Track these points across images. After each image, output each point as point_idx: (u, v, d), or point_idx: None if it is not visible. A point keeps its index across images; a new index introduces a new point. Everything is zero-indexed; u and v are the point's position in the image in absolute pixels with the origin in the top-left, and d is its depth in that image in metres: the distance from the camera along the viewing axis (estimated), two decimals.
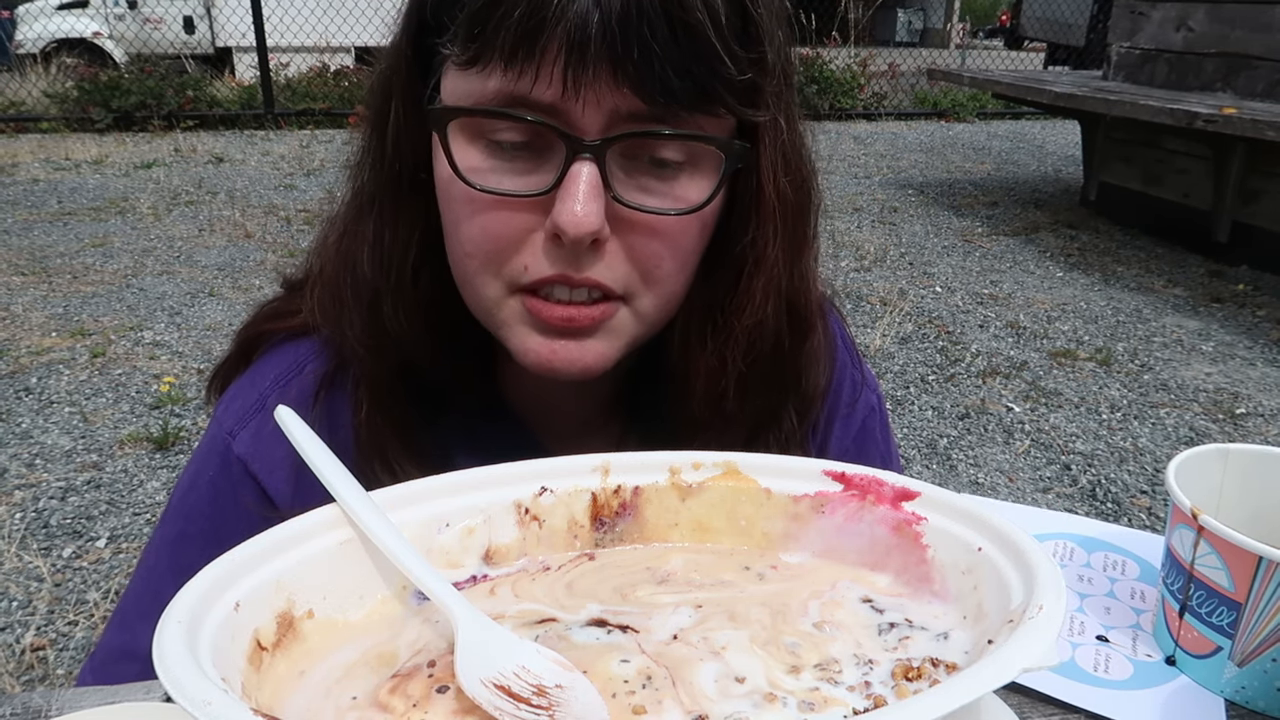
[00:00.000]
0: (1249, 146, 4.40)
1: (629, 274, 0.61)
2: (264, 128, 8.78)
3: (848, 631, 0.46)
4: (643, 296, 0.62)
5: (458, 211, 0.60)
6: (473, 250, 0.61)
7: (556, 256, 0.59)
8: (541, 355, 0.62)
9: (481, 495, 0.52)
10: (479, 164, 0.58)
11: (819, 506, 0.52)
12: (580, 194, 0.55)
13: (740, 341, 0.65)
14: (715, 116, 0.58)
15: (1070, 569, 0.71)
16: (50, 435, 2.99)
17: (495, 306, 0.62)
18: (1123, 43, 5.70)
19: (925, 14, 21.05)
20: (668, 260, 0.61)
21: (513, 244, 0.59)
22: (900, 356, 3.72)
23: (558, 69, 0.54)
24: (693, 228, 0.61)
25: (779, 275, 0.65)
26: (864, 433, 0.82)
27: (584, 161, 0.56)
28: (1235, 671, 0.58)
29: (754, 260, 0.64)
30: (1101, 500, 2.74)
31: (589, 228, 0.56)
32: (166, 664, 0.36)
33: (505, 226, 0.59)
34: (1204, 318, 4.18)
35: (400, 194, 0.64)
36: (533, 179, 0.58)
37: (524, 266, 0.60)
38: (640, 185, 0.59)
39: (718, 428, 0.68)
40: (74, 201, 5.94)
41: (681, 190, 0.60)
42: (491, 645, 0.42)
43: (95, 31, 10.46)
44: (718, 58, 0.55)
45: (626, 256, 0.60)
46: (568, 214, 0.56)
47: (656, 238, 0.60)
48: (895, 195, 6.52)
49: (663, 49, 0.53)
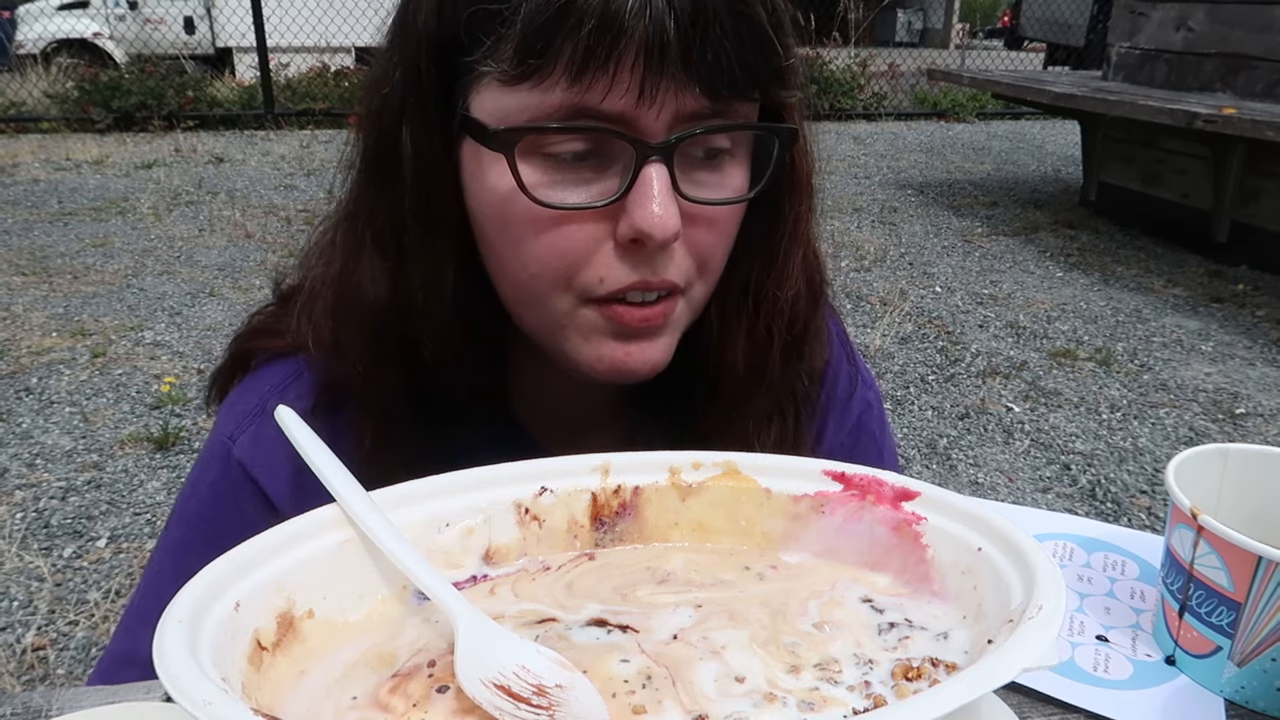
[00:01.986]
0: (1248, 147, 4.40)
1: (689, 267, 0.62)
2: (264, 128, 8.78)
3: (848, 631, 0.46)
4: (696, 286, 0.63)
5: (518, 232, 0.58)
6: (539, 270, 0.59)
7: (635, 262, 0.58)
8: (616, 359, 0.62)
9: (481, 495, 0.52)
10: (538, 180, 0.56)
11: (819, 506, 0.52)
12: (659, 196, 0.55)
13: (785, 313, 0.67)
14: (750, 101, 0.60)
15: (1070, 569, 0.71)
16: (51, 435, 2.99)
17: (566, 320, 0.61)
18: (1122, 43, 5.70)
19: (925, 14, 21.05)
20: (720, 249, 0.63)
21: (583, 257, 0.58)
22: (900, 356, 3.72)
23: (635, 78, 0.53)
24: (737, 214, 0.63)
25: (808, 249, 0.68)
26: (859, 429, 0.82)
27: (655, 164, 0.56)
28: (1235, 671, 0.58)
29: (792, 236, 0.66)
30: (1101, 500, 2.74)
31: (673, 228, 0.56)
32: (166, 664, 0.36)
33: (573, 241, 0.58)
34: (1203, 318, 4.18)
35: (430, 223, 0.62)
36: (596, 188, 0.57)
37: (599, 279, 0.59)
38: (696, 180, 0.60)
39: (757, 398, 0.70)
40: (74, 202, 5.94)
41: (729, 179, 0.61)
42: (491, 645, 0.42)
43: (95, 32, 10.45)
44: (772, 47, 0.56)
45: (688, 251, 0.61)
46: (651, 218, 0.55)
47: (713, 229, 0.61)
48: (895, 195, 6.52)
49: (732, 44, 0.54)
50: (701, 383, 0.70)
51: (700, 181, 0.59)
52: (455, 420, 0.68)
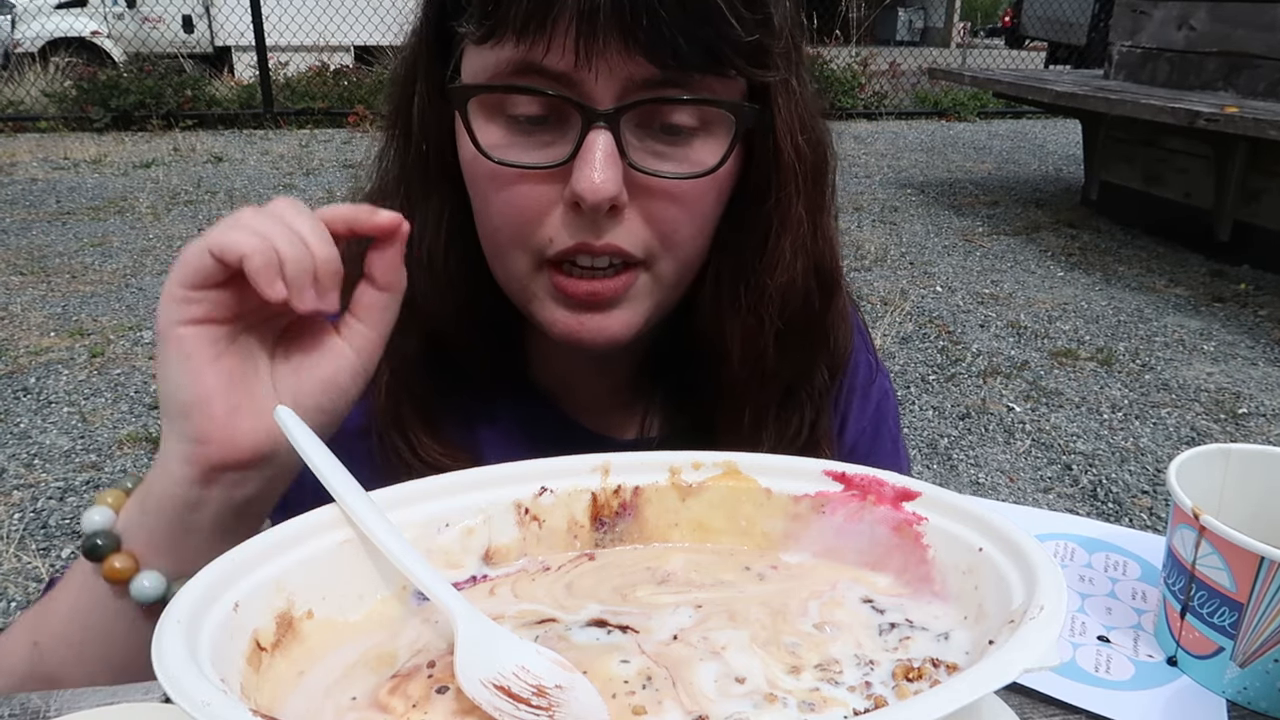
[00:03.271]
0: (1250, 146, 4.40)
1: (648, 239, 0.62)
2: (263, 127, 8.77)
3: (848, 632, 0.46)
4: (662, 260, 0.63)
5: (484, 188, 0.62)
6: (500, 224, 0.62)
7: (577, 226, 0.60)
8: (569, 327, 0.63)
9: (481, 495, 0.52)
10: (499, 140, 0.60)
11: (819, 506, 0.52)
12: (597, 161, 0.57)
13: (775, 300, 0.67)
14: (726, 79, 0.59)
15: (1071, 569, 0.71)
16: (49, 435, 2.99)
17: (527, 280, 0.63)
18: (1124, 42, 5.70)
19: (926, 13, 21.05)
20: (685, 224, 0.63)
21: (536, 216, 0.61)
22: (901, 356, 3.72)
23: (569, 39, 0.55)
24: (709, 191, 0.63)
25: (804, 234, 0.67)
26: (879, 414, 0.83)
27: (599, 130, 0.57)
28: (1237, 672, 0.58)
29: (780, 220, 0.65)
30: (1103, 500, 2.74)
31: (606, 194, 0.57)
32: (166, 664, 0.36)
33: (527, 199, 0.60)
34: (1205, 317, 4.18)
35: (428, 176, 0.66)
36: (551, 151, 0.59)
37: (548, 239, 0.61)
38: (655, 151, 0.60)
39: (756, 387, 0.70)
40: (72, 201, 5.94)
41: (696, 154, 0.61)
42: (491, 645, 0.42)
43: (94, 30, 10.45)
44: (724, 20, 0.56)
45: (645, 222, 0.61)
46: (585, 181, 0.57)
47: (674, 202, 0.61)
48: (896, 195, 6.52)
49: (670, 14, 0.54)
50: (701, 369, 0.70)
51: (661, 154, 0.60)
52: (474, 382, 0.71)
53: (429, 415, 0.70)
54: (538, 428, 0.74)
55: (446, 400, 0.71)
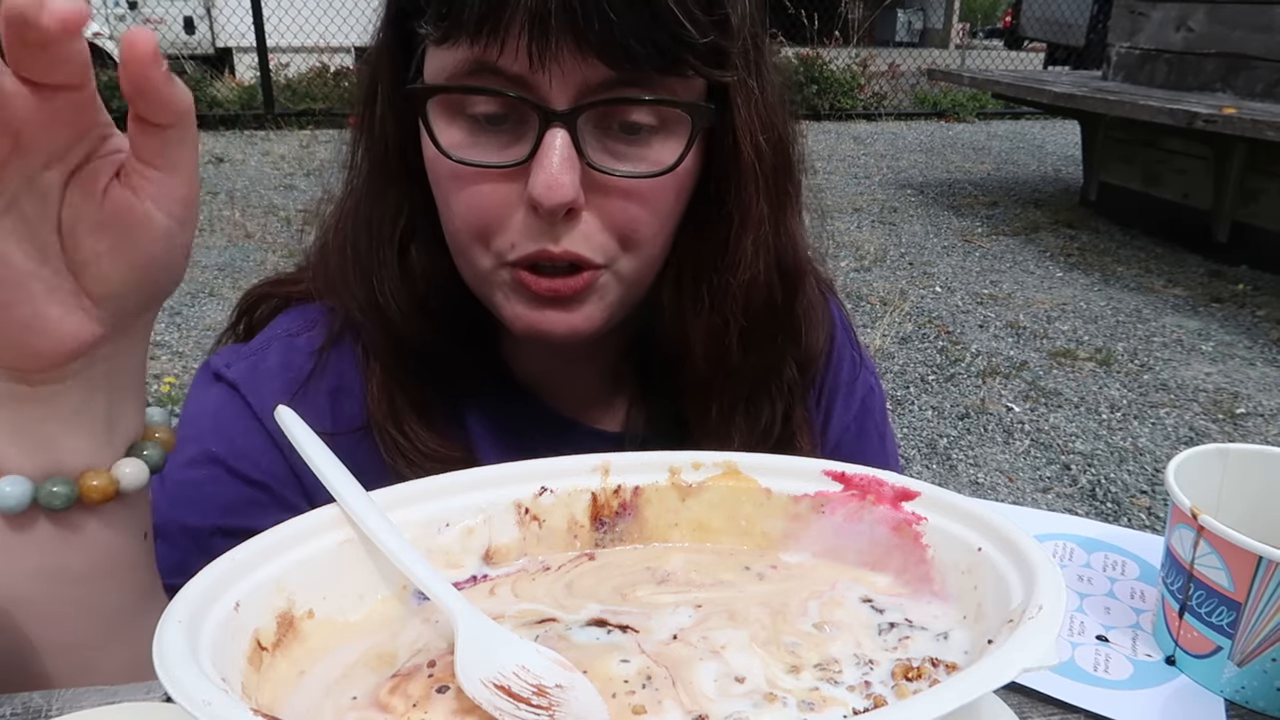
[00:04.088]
0: (1249, 146, 4.40)
1: (606, 242, 0.62)
2: (264, 128, 8.77)
3: (848, 631, 0.46)
4: (622, 260, 0.63)
5: (445, 188, 0.62)
6: (461, 225, 0.63)
7: (537, 230, 0.60)
8: (530, 321, 0.64)
9: (481, 495, 0.52)
10: (460, 140, 0.60)
11: (819, 506, 0.52)
12: (554, 163, 0.57)
13: (738, 298, 0.67)
14: (684, 79, 0.60)
15: (1070, 569, 0.71)
16: None
17: (489, 276, 0.64)
18: (1122, 43, 5.70)
19: (925, 14, 21.05)
20: (644, 224, 0.62)
21: (497, 217, 0.61)
22: (900, 356, 3.73)
23: (522, 42, 0.55)
24: (669, 190, 0.62)
25: (766, 232, 0.66)
26: (864, 411, 0.83)
27: (556, 130, 0.57)
28: (1235, 671, 0.58)
29: (740, 219, 0.65)
30: (1101, 500, 2.74)
31: (563, 197, 0.57)
32: (166, 664, 0.36)
33: (488, 200, 0.60)
34: (1204, 317, 4.18)
35: (389, 175, 0.67)
36: (510, 151, 0.59)
37: (510, 244, 0.61)
38: (613, 151, 0.60)
39: (721, 383, 0.70)
40: None
41: (655, 154, 0.61)
42: (491, 645, 0.42)
43: (95, 31, 10.45)
44: (677, 22, 0.56)
45: (604, 224, 0.61)
46: (542, 184, 0.57)
47: (633, 201, 0.61)
48: (895, 195, 6.52)
49: (620, 17, 0.54)
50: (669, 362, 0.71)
51: (619, 154, 0.60)
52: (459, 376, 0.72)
53: (421, 408, 0.70)
54: (523, 421, 0.74)
55: (436, 393, 0.71)
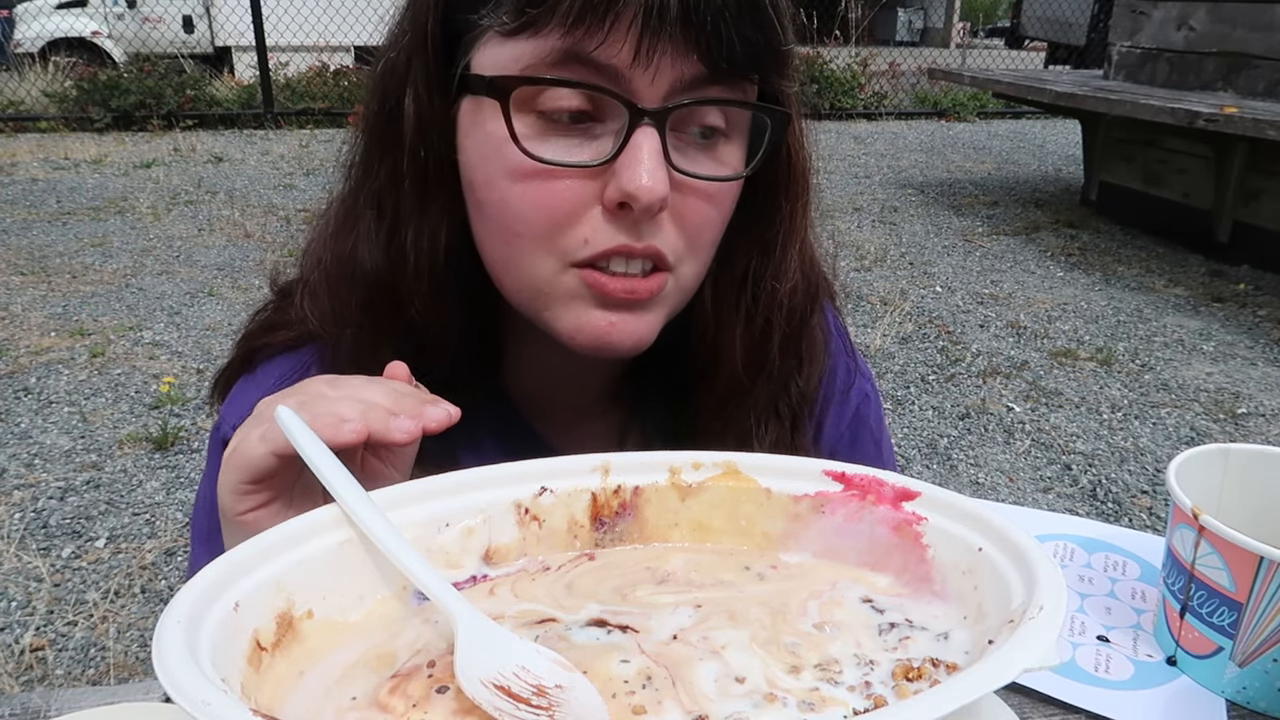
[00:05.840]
0: (1250, 146, 4.40)
1: (678, 243, 0.61)
2: (263, 127, 8.77)
3: (848, 631, 0.46)
4: (685, 264, 0.63)
5: (504, 189, 0.59)
6: (523, 228, 0.59)
7: (619, 227, 0.58)
8: (599, 329, 0.61)
9: (481, 495, 0.52)
10: (531, 134, 0.57)
11: (819, 506, 0.52)
12: (647, 162, 0.56)
13: (783, 306, 0.67)
14: (752, 83, 0.60)
15: (1071, 569, 0.71)
16: (49, 435, 2.99)
17: (548, 284, 0.61)
18: (1123, 42, 5.70)
19: (926, 13, 21.04)
20: (710, 228, 0.63)
21: (569, 217, 0.58)
22: (900, 356, 3.72)
23: (632, 34, 0.54)
24: (731, 194, 0.63)
25: (805, 244, 0.68)
26: (858, 419, 0.83)
27: (647, 129, 0.56)
28: (1236, 672, 0.58)
29: (788, 228, 0.66)
30: (1102, 500, 2.74)
31: (659, 194, 0.56)
32: (166, 664, 0.36)
33: (560, 200, 0.58)
34: (1205, 317, 4.18)
35: (424, 182, 0.63)
36: (589, 149, 0.58)
37: (584, 240, 0.59)
38: (690, 156, 0.60)
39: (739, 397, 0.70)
40: (73, 201, 5.94)
41: (723, 157, 0.61)
42: (491, 645, 0.42)
43: (94, 30, 10.45)
44: (773, 26, 0.57)
45: (677, 225, 0.61)
46: (636, 182, 0.56)
47: (705, 204, 0.61)
48: (895, 195, 6.52)
49: (733, 17, 0.55)
50: (698, 374, 0.70)
51: (693, 158, 0.60)
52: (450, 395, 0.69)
53: None
54: (508, 440, 0.73)
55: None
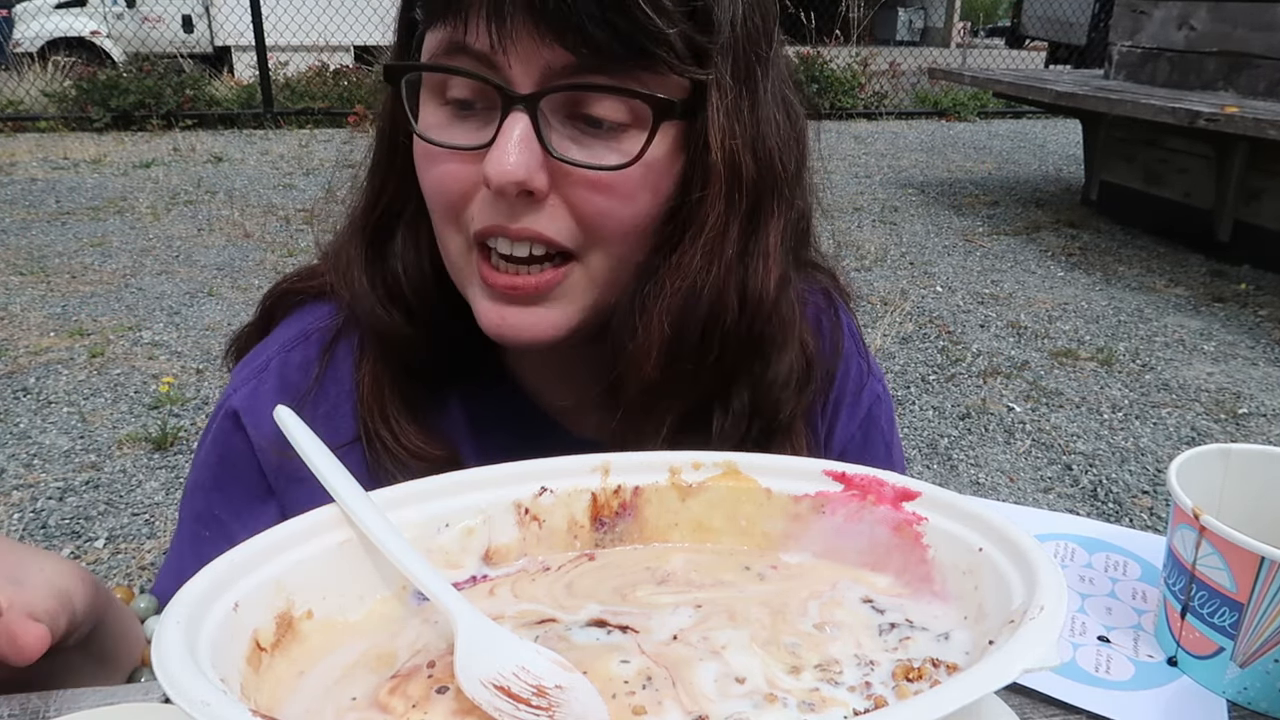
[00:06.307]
0: (1251, 145, 4.40)
1: (573, 228, 0.61)
2: (263, 127, 8.77)
3: (848, 632, 0.46)
4: (592, 253, 0.62)
5: (421, 168, 0.64)
6: (433, 204, 0.64)
7: (495, 209, 0.60)
8: (493, 321, 0.63)
9: (481, 495, 0.52)
10: (437, 123, 0.61)
11: (819, 506, 0.52)
12: (509, 144, 0.57)
13: (671, 307, 0.62)
14: (658, 74, 0.58)
15: (1071, 569, 0.71)
16: (48, 435, 2.99)
17: (461, 260, 0.64)
18: (1124, 42, 5.70)
19: (926, 13, 21.04)
20: (612, 217, 0.61)
21: (461, 196, 0.62)
22: (901, 356, 3.72)
23: (483, 22, 0.56)
24: (639, 185, 0.61)
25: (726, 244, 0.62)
26: (869, 420, 0.82)
27: (517, 113, 0.58)
28: (1237, 672, 0.58)
29: (696, 224, 0.62)
30: (1103, 500, 2.73)
31: (513, 176, 0.57)
32: (165, 664, 0.36)
33: (454, 179, 0.61)
34: (1205, 317, 4.18)
35: (390, 165, 0.68)
36: (478, 135, 0.60)
37: (472, 215, 0.62)
38: (580, 142, 0.60)
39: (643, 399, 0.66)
40: (72, 201, 5.94)
41: (625, 147, 0.60)
42: (491, 645, 0.42)
43: (93, 30, 10.45)
44: (639, 9, 0.55)
45: (569, 212, 0.61)
46: (494, 163, 0.58)
47: (600, 192, 0.60)
48: (896, 195, 6.52)
49: (587, 4, 0.54)
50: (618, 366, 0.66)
51: (584, 145, 0.60)
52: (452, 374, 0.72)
53: (410, 402, 0.71)
54: (509, 420, 0.74)
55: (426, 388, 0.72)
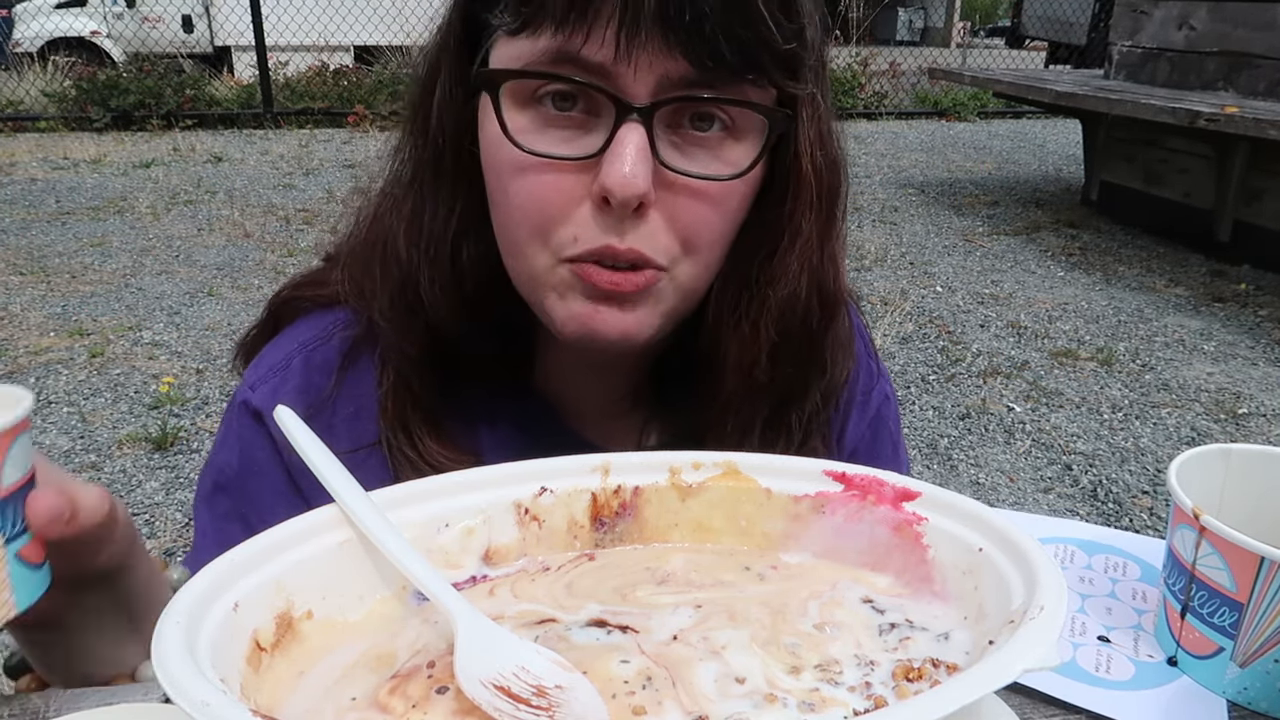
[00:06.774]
0: (1251, 145, 4.40)
1: (670, 244, 0.61)
2: (263, 127, 8.77)
3: (848, 632, 0.46)
4: (682, 265, 0.63)
5: (505, 179, 0.61)
6: (521, 218, 0.61)
7: (603, 225, 0.59)
8: (584, 318, 0.62)
9: (481, 495, 0.52)
10: (526, 127, 0.59)
11: (819, 506, 0.52)
12: (628, 156, 0.56)
13: (774, 312, 0.66)
14: (759, 87, 0.60)
15: (1071, 570, 0.71)
16: (49, 435, 2.99)
17: (544, 275, 0.62)
18: (1124, 42, 5.70)
19: (926, 13, 21.04)
20: (708, 228, 0.62)
21: (560, 210, 0.60)
22: (901, 356, 3.72)
23: (610, 31, 0.55)
24: (735, 195, 0.62)
25: (811, 251, 0.66)
26: (878, 420, 0.83)
27: (633, 124, 0.57)
28: (1237, 672, 0.58)
29: (790, 233, 0.65)
30: (1103, 500, 2.73)
31: (636, 190, 0.57)
32: (165, 664, 0.36)
33: (553, 191, 0.59)
34: (1205, 317, 4.18)
35: (442, 169, 0.66)
36: (580, 143, 0.59)
37: (573, 237, 0.60)
38: (684, 151, 0.60)
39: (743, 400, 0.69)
40: (72, 201, 5.94)
41: (730, 157, 0.61)
42: (491, 646, 0.42)
43: (93, 30, 10.45)
44: (764, 24, 0.56)
45: (669, 225, 0.60)
46: (616, 175, 0.56)
47: (700, 203, 0.61)
48: (896, 195, 6.51)
49: (713, 14, 0.55)
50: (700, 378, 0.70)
51: (691, 155, 0.60)
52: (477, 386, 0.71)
53: (432, 416, 0.70)
54: (537, 435, 0.74)
55: (449, 402, 0.71)
